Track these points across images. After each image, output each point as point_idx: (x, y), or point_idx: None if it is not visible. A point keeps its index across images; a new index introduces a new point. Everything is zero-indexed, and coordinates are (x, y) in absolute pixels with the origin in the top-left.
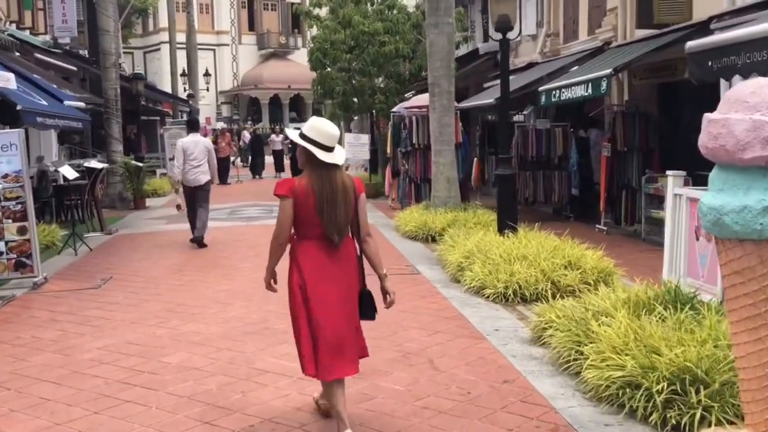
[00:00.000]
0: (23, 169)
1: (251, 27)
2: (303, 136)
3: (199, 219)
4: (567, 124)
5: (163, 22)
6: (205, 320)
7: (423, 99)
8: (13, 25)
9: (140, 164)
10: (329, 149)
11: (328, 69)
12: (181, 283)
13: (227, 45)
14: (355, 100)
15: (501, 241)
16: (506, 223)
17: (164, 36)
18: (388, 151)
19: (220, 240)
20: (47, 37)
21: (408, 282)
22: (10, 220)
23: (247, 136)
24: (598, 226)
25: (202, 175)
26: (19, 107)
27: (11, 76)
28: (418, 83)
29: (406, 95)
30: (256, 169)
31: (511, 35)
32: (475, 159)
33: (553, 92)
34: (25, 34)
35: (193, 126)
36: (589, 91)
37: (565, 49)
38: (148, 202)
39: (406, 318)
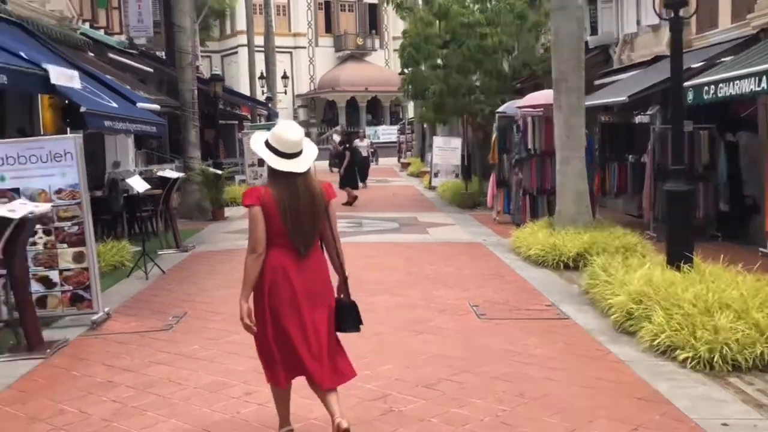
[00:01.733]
0: (80, 183)
1: (328, 29)
2: (265, 143)
3: None
4: (713, 126)
5: (241, 24)
6: (306, 390)
7: (539, 97)
8: (87, 24)
9: (219, 171)
10: (288, 156)
11: (421, 66)
12: None
13: (304, 47)
14: (449, 100)
15: (680, 279)
16: (681, 254)
17: (241, 39)
18: (493, 157)
19: None
20: (123, 38)
21: (559, 331)
22: (65, 245)
23: (336, 139)
24: (762, 249)
25: None
26: (83, 109)
27: (75, 73)
28: (520, 81)
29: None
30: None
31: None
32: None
33: (707, 88)
34: (100, 34)
35: None
36: (763, 85)
37: (700, 39)
38: (227, 211)
39: (581, 396)
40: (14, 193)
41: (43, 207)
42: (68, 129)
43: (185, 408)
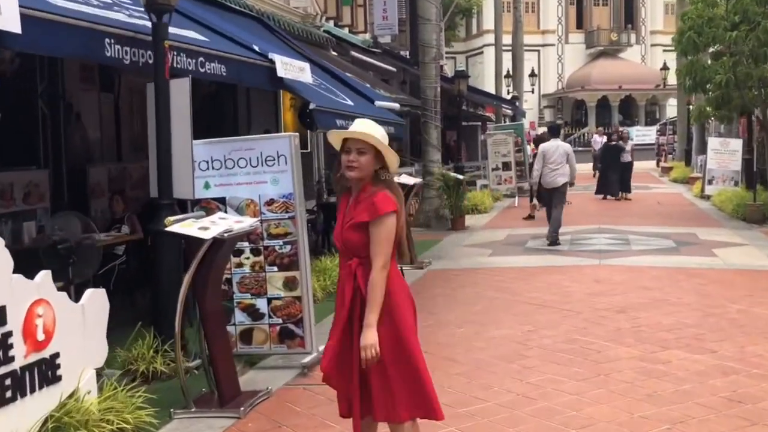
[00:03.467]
0: (295, 192)
1: (579, 25)
2: None
3: (553, 219)
4: None
5: (487, 23)
6: None
7: None
8: (331, 22)
9: (460, 176)
10: None
11: (699, 55)
12: (524, 390)
13: (552, 45)
14: (735, 93)
15: None
16: None
17: (488, 38)
18: None
19: (564, 290)
20: (367, 36)
21: None
22: (276, 268)
23: (598, 141)
24: None
25: (559, 177)
26: (312, 106)
27: (305, 65)
28: None
29: None
30: (608, 186)
31: None
32: None
33: None
34: (343, 32)
35: (554, 132)
36: None
37: None
38: (468, 220)
39: None
40: (219, 204)
41: (245, 223)
42: (308, 131)
43: None
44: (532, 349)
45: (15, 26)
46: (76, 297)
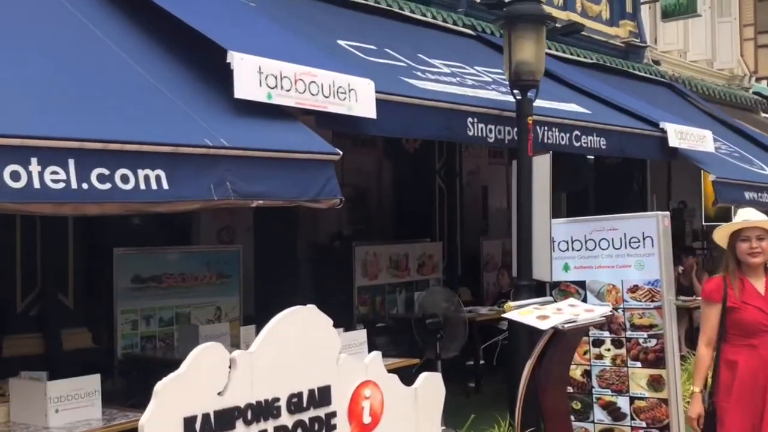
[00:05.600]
0: (662, 279)
1: None
2: None
3: None
4: None
5: None
6: None
7: None
8: (763, 82)
9: None
10: None
11: None
12: None
13: None
14: None
15: None
16: None
17: None
18: None
19: None
20: None
21: None
22: (639, 363)
23: None
24: None
25: None
26: (712, 177)
27: (707, 133)
28: None
29: None
30: None
31: None
32: None
33: None
34: None
35: None
36: None
37: None
38: None
39: None
40: (579, 288)
41: (595, 313)
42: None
43: None
44: None
45: (370, 112)
46: (444, 371)
